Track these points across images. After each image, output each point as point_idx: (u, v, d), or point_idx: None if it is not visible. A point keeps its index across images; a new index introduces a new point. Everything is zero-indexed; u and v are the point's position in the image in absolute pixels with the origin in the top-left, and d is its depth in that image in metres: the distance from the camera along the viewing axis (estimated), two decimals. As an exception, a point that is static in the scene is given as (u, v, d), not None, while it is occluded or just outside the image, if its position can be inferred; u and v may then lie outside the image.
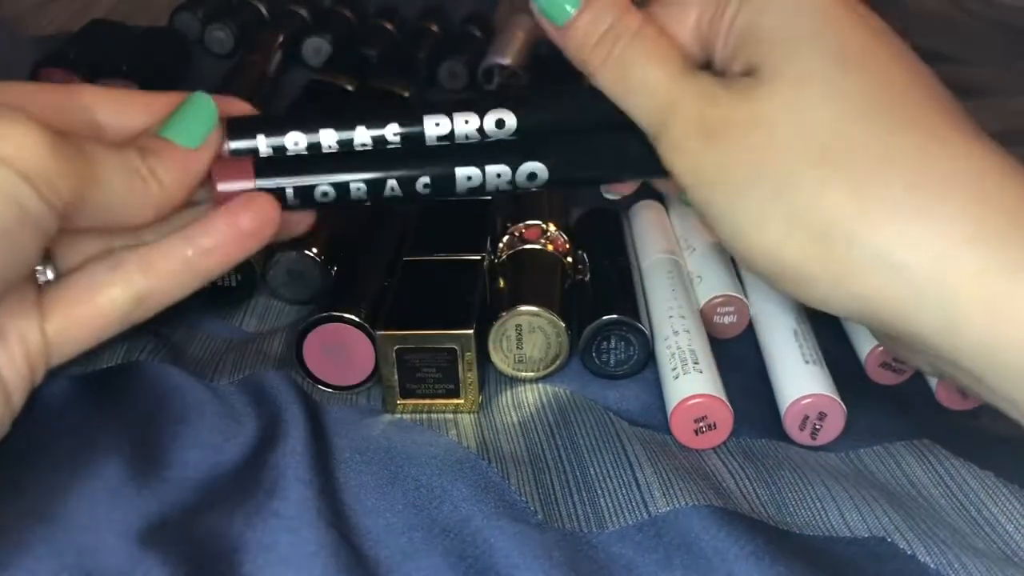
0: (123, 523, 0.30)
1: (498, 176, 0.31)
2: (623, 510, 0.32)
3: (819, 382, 0.35)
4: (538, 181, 0.31)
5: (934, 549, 0.30)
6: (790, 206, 0.26)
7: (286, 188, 0.30)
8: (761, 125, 0.27)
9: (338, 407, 0.36)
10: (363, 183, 0.30)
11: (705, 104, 0.27)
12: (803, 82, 0.26)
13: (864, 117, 0.26)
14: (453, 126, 0.31)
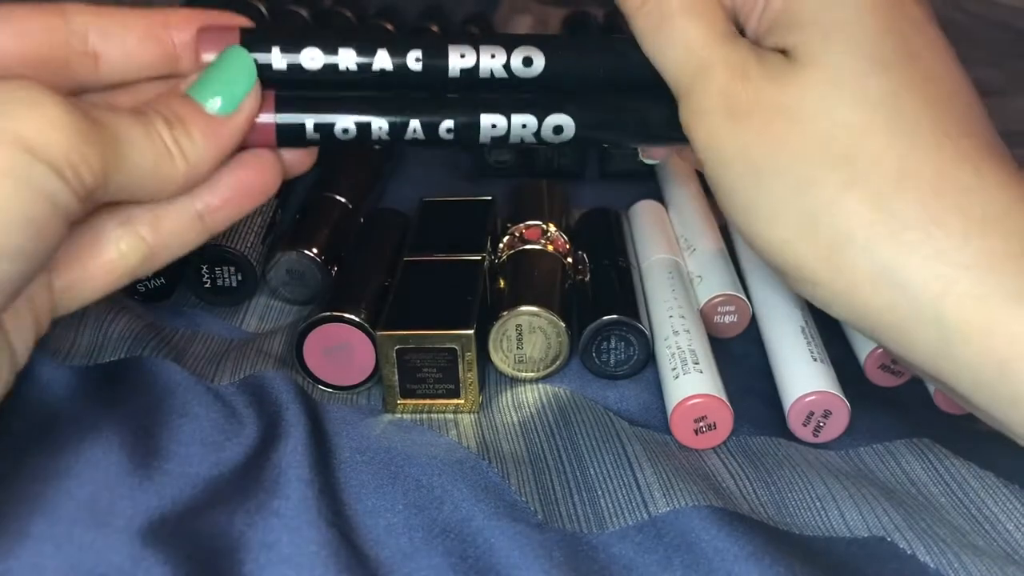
0: (124, 517, 0.29)
1: (523, 127, 0.30)
2: (623, 510, 0.32)
3: (826, 380, 0.35)
4: (563, 136, 0.30)
5: (934, 548, 0.30)
6: (806, 206, 0.26)
7: (306, 123, 0.29)
8: (787, 115, 0.26)
9: (338, 407, 0.36)
10: (386, 123, 0.29)
11: (736, 76, 0.27)
12: (835, 79, 0.26)
13: (890, 127, 0.25)
14: (479, 59, 0.29)
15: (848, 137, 0.25)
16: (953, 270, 0.24)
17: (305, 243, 0.43)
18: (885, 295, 0.25)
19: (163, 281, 0.43)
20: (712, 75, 0.27)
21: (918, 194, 0.25)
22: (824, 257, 0.26)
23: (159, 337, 0.39)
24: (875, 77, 0.26)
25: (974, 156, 0.25)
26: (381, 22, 0.70)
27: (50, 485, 0.30)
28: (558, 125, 0.30)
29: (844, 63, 0.26)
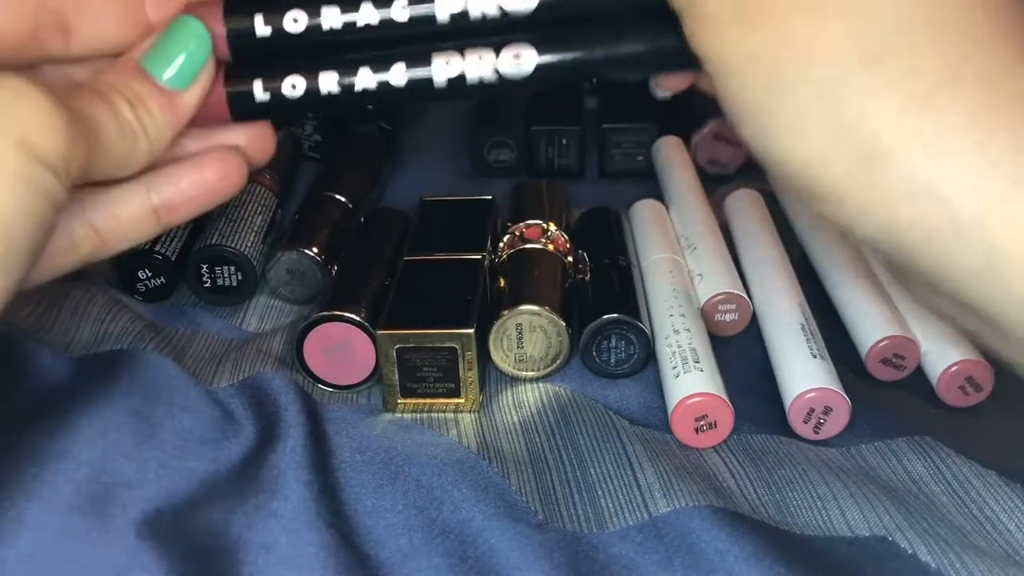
0: (120, 506, 0.29)
1: (480, 60, 0.28)
2: (623, 510, 0.31)
3: (826, 376, 0.35)
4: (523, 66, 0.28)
5: (935, 548, 0.30)
6: (834, 113, 0.23)
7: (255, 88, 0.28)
8: (810, 12, 0.23)
9: (338, 406, 0.36)
10: (335, 77, 0.28)
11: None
12: None
13: (934, 24, 0.23)
14: (468, 2, 0.27)
15: (883, 34, 0.23)
16: (1006, 185, 0.22)
17: (305, 242, 0.43)
18: (923, 211, 0.23)
19: (163, 280, 0.43)
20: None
21: (968, 97, 0.22)
22: (852, 171, 0.23)
23: (159, 336, 0.39)
24: None
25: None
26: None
27: (47, 468, 0.30)
28: (517, 56, 0.28)
29: None
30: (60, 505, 0.29)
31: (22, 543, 0.28)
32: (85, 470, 0.30)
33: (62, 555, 0.28)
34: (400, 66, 0.28)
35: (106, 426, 0.32)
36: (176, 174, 0.28)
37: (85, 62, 0.28)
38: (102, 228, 0.28)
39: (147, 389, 0.34)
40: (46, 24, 0.26)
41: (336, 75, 0.28)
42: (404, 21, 0.28)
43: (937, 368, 0.38)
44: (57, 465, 0.30)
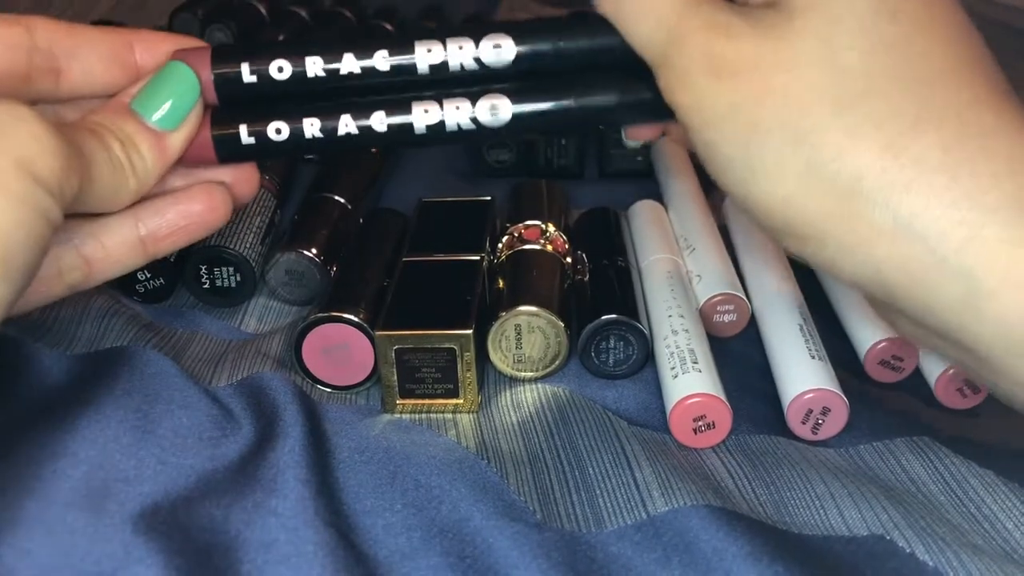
0: (117, 502, 0.29)
1: (457, 109, 0.29)
2: (622, 510, 0.31)
3: (825, 377, 0.35)
4: (500, 116, 0.29)
5: (933, 547, 0.30)
6: (811, 156, 0.24)
7: (241, 131, 0.30)
8: (783, 66, 0.25)
9: (337, 407, 0.36)
10: (317, 123, 0.29)
11: (717, 37, 0.25)
12: (838, 20, 0.24)
13: (902, 68, 0.24)
14: (447, 53, 0.29)
15: (855, 82, 0.24)
16: (980, 214, 0.23)
17: (304, 243, 0.43)
18: (903, 248, 0.24)
19: (162, 281, 0.43)
20: (689, 40, 0.26)
21: (939, 137, 0.23)
22: (831, 212, 0.24)
23: (158, 337, 0.39)
24: (884, 23, 0.24)
25: (993, 99, 0.24)
26: (380, 22, 0.70)
27: (45, 466, 0.30)
28: (494, 108, 0.29)
29: (850, 7, 0.24)
30: (58, 502, 0.29)
31: (20, 540, 0.28)
32: (83, 468, 0.30)
33: (60, 551, 0.28)
34: (380, 113, 0.29)
35: (105, 424, 0.32)
36: (163, 206, 0.29)
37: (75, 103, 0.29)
38: (90, 257, 0.28)
39: (146, 387, 0.34)
40: (38, 65, 0.28)
41: (319, 121, 0.29)
42: (386, 70, 0.29)
43: (935, 370, 0.38)
44: (56, 463, 0.30)
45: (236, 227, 0.43)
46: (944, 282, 0.23)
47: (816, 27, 0.25)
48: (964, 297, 0.23)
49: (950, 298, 0.24)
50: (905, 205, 0.23)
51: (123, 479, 0.30)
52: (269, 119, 0.30)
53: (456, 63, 0.29)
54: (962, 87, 0.24)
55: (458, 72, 0.29)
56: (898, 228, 0.23)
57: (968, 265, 0.23)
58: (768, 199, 0.25)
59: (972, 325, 0.24)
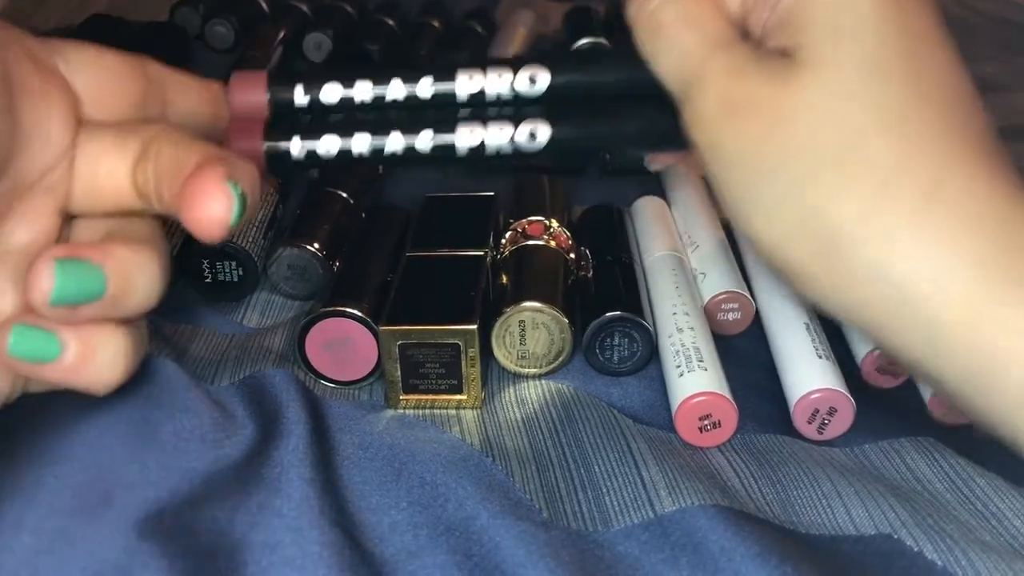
0: (120, 506, 0.29)
1: (500, 131, 0.30)
2: (628, 509, 0.31)
3: (832, 377, 0.35)
4: (538, 142, 0.31)
5: (941, 545, 0.30)
6: (803, 204, 0.26)
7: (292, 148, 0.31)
8: (787, 114, 0.26)
9: (340, 403, 0.36)
10: (367, 142, 0.31)
11: (734, 80, 0.27)
12: (836, 80, 0.26)
13: (888, 127, 0.26)
14: (486, 81, 0.31)
15: (845, 137, 0.26)
16: (943, 271, 0.24)
17: (307, 238, 0.43)
18: (876, 293, 0.25)
19: (164, 276, 0.42)
20: (708, 80, 0.27)
21: (911, 194, 0.25)
22: (817, 255, 0.26)
23: (159, 336, 0.38)
24: (877, 82, 0.26)
25: (969, 161, 0.25)
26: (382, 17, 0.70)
27: (47, 471, 0.30)
28: (533, 132, 0.31)
29: (847, 65, 0.26)
30: (61, 509, 0.29)
31: (22, 547, 0.28)
32: (85, 474, 0.30)
33: (63, 558, 0.28)
34: (428, 132, 0.31)
35: (106, 428, 0.32)
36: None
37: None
38: None
39: (147, 391, 0.34)
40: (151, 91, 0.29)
41: (369, 137, 0.31)
42: (427, 98, 0.31)
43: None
44: (58, 469, 0.30)
45: (238, 221, 0.43)
46: (911, 327, 0.25)
47: (818, 81, 0.26)
48: (928, 340, 0.25)
49: (917, 340, 0.25)
50: (879, 255, 0.25)
51: (126, 484, 0.30)
52: (319, 134, 0.31)
53: (493, 92, 0.31)
54: (941, 150, 0.25)
55: (494, 100, 0.31)
56: (872, 276, 0.25)
57: (932, 315, 0.25)
58: (766, 239, 0.27)
59: (937, 365, 0.25)
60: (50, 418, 0.32)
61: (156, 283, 0.26)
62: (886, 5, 0.27)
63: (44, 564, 0.28)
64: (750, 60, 0.27)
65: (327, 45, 0.66)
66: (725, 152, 0.27)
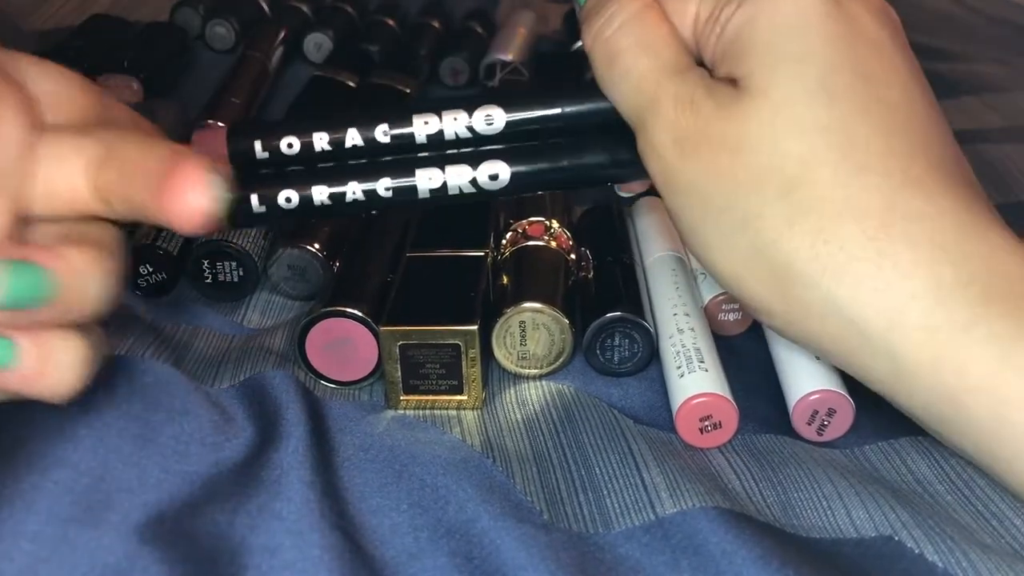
0: (121, 512, 0.29)
1: (458, 176, 0.31)
2: (629, 511, 0.31)
3: (830, 378, 0.35)
4: (499, 182, 0.31)
5: (942, 547, 0.30)
6: (755, 239, 0.26)
7: (252, 199, 0.31)
8: (735, 145, 0.26)
9: (340, 403, 0.36)
10: (326, 190, 0.31)
11: (684, 109, 0.27)
12: (780, 110, 0.25)
13: (835, 157, 0.25)
14: (442, 124, 0.31)
15: (791, 168, 0.25)
16: (901, 302, 0.24)
17: (307, 238, 0.43)
18: (835, 327, 0.25)
19: (164, 276, 0.43)
20: (661, 109, 0.27)
21: (864, 225, 0.24)
22: (773, 290, 0.26)
23: (159, 338, 0.38)
24: (823, 106, 0.25)
25: (927, 182, 0.25)
26: (383, 18, 0.70)
27: (47, 477, 0.30)
28: (493, 173, 0.31)
29: (790, 93, 0.25)
30: (60, 515, 0.29)
31: (22, 554, 0.28)
32: (85, 479, 0.30)
33: (63, 564, 0.28)
34: (386, 179, 0.31)
35: (105, 433, 0.32)
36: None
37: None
38: None
39: (146, 395, 0.34)
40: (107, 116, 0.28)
41: (327, 188, 0.31)
42: (386, 142, 0.31)
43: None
44: (57, 474, 0.30)
45: (239, 222, 0.43)
46: (873, 360, 0.25)
47: (762, 111, 0.25)
48: (892, 374, 0.25)
49: (880, 373, 0.25)
50: (833, 290, 0.25)
51: (126, 489, 0.30)
52: (279, 187, 0.31)
53: (451, 132, 0.31)
54: (892, 173, 0.25)
55: (453, 140, 0.31)
56: (829, 311, 0.25)
57: (892, 347, 0.24)
58: (721, 272, 0.27)
59: (903, 397, 0.25)
60: (49, 423, 0.32)
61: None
62: (836, 23, 0.26)
63: (44, 571, 0.28)
64: (700, 87, 0.27)
65: (327, 45, 0.66)
66: (678, 183, 0.27)
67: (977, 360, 0.23)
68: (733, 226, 0.26)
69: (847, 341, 0.25)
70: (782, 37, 0.26)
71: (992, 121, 0.60)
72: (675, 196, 0.27)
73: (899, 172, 0.25)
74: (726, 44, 0.27)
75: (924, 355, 0.24)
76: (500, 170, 0.31)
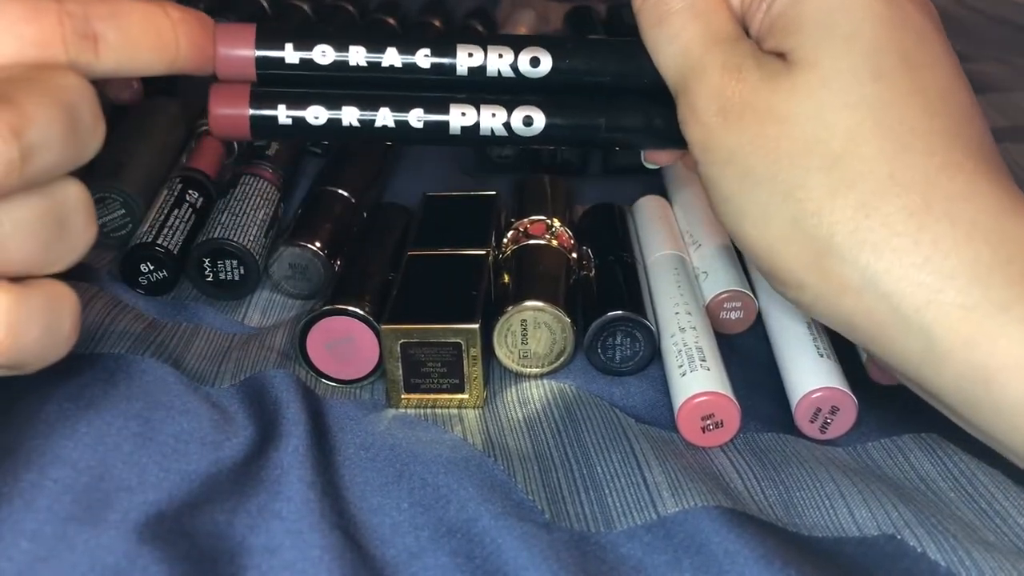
0: (120, 511, 0.29)
1: (493, 116, 0.30)
2: (631, 510, 0.31)
3: (833, 376, 0.35)
4: (533, 128, 0.30)
5: (944, 545, 0.30)
6: (796, 211, 0.26)
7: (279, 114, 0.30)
8: (780, 116, 0.26)
9: (341, 402, 0.36)
10: (356, 112, 0.30)
11: (731, 77, 0.27)
12: (828, 84, 0.26)
13: (881, 133, 0.25)
14: (486, 59, 0.30)
15: (837, 141, 0.25)
16: (938, 279, 0.24)
17: (308, 237, 0.43)
18: (869, 303, 0.25)
19: (165, 274, 0.42)
20: (707, 75, 0.27)
21: (906, 201, 0.25)
22: (809, 263, 0.26)
23: (159, 338, 0.38)
24: (870, 84, 0.25)
25: (967, 165, 0.25)
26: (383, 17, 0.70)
27: (46, 475, 0.30)
28: (528, 118, 0.30)
29: (839, 68, 0.26)
30: (60, 513, 0.29)
31: (20, 553, 0.28)
32: (85, 478, 0.30)
33: (62, 563, 0.28)
34: (418, 111, 0.30)
35: (105, 432, 0.32)
36: None
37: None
38: None
39: (145, 394, 0.34)
40: (72, 29, 0.25)
41: (357, 110, 0.30)
42: (426, 68, 0.30)
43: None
44: (56, 472, 0.30)
45: (239, 220, 0.43)
46: (905, 337, 0.25)
47: (809, 85, 0.26)
48: (923, 353, 0.25)
49: (911, 352, 0.25)
50: (872, 264, 0.25)
51: (125, 488, 0.30)
52: (308, 103, 0.30)
53: (494, 69, 0.30)
54: (936, 152, 0.25)
55: (494, 78, 0.30)
56: (865, 285, 0.25)
57: (927, 325, 0.24)
58: (755, 244, 0.27)
59: (931, 377, 0.25)
60: (48, 422, 0.32)
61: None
62: (884, 5, 0.26)
63: (43, 570, 0.27)
64: (749, 57, 0.27)
65: (328, 44, 0.66)
66: (717, 151, 0.27)
67: (1012, 339, 0.23)
68: (773, 197, 0.26)
69: (880, 318, 0.25)
70: (831, 14, 0.26)
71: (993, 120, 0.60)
72: (713, 164, 0.27)
73: (941, 153, 0.25)
74: (774, 18, 0.27)
75: (959, 333, 0.24)
76: (536, 116, 0.30)
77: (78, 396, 0.33)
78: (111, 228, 0.45)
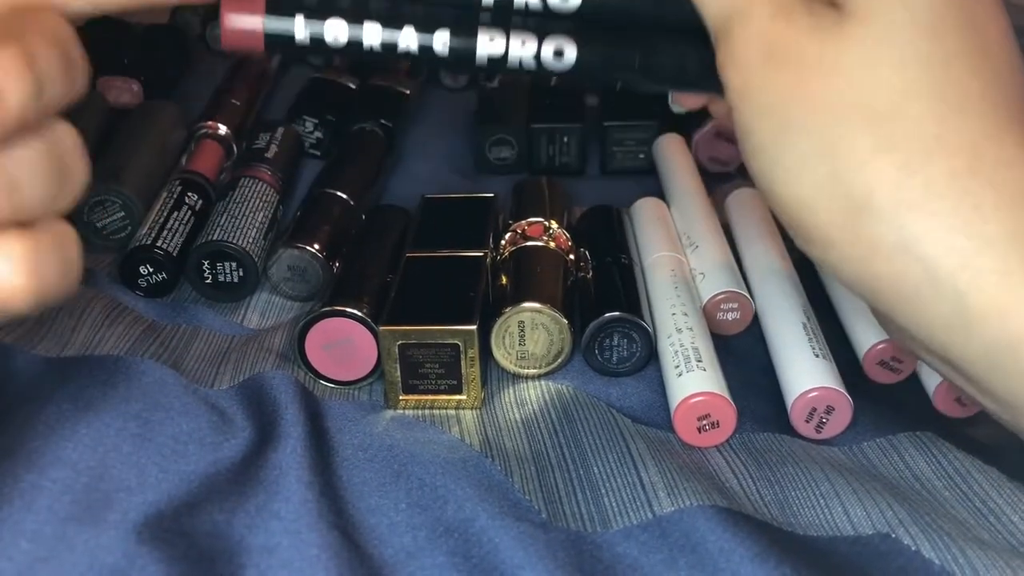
0: (120, 511, 0.29)
1: (523, 45, 0.28)
2: (627, 510, 0.31)
3: (829, 376, 0.35)
4: (564, 62, 0.29)
5: (939, 544, 0.30)
6: (832, 166, 0.25)
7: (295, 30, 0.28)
8: (828, 66, 0.25)
9: (339, 403, 0.36)
10: (379, 32, 0.28)
11: (779, 20, 0.26)
12: (883, 36, 0.24)
13: (933, 92, 0.24)
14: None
15: (888, 97, 0.24)
16: (976, 243, 0.23)
17: (306, 239, 0.43)
18: (901, 265, 0.24)
19: (164, 276, 0.43)
20: (753, 17, 0.26)
21: (952, 163, 0.24)
22: (842, 220, 0.25)
23: (158, 339, 0.38)
24: (927, 41, 0.24)
25: (1017, 132, 0.24)
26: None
27: (46, 476, 0.30)
28: (559, 49, 0.28)
29: (897, 22, 0.24)
30: (59, 514, 0.29)
31: (20, 553, 0.28)
32: (84, 479, 0.30)
33: (62, 564, 0.28)
34: (444, 33, 0.28)
35: (104, 432, 0.32)
36: None
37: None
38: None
39: (144, 395, 0.34)
40: None
41: (381, 29, 0.28)
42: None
43: (933, 380, 0.37)
44: (56, 473, 0.30)
45: (239, 222, 0.43)
46: (935, 302, 0.24)
47: (863, 37, 0.25)
48: (953, 318, 0.24)
49: (940, 317, 0.24)
50: (909, 225, 0.24)
51: (125, 488, 0.30)
52: (328, 14, 0.28)
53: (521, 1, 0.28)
54: (986, 116, 0.24)
55: (522, 9, 0.29)
56: (899, 246, 0.24)
57: (960, 289, 0.24)
58: (786, 196, 0.26)
59: (959, 345, 0.24)
60: (48, 423, 0.32)
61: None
62: None
63: (43, 570, 0.28)
64: (800, 4, 0.26)
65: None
66: (756, 98, 0.26)
67: None
68: (811, 149, 0.25)
69: (910, 280, 0.24)
70: None
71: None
72: (751, 112, 0.26)
73: (992, 117, 0.24)
74: None
75: (993, 300, 0.23)
76: (567, 48, 0.29)
77: (78, 397, 0.33)
78: (111, 230, 0.45)
